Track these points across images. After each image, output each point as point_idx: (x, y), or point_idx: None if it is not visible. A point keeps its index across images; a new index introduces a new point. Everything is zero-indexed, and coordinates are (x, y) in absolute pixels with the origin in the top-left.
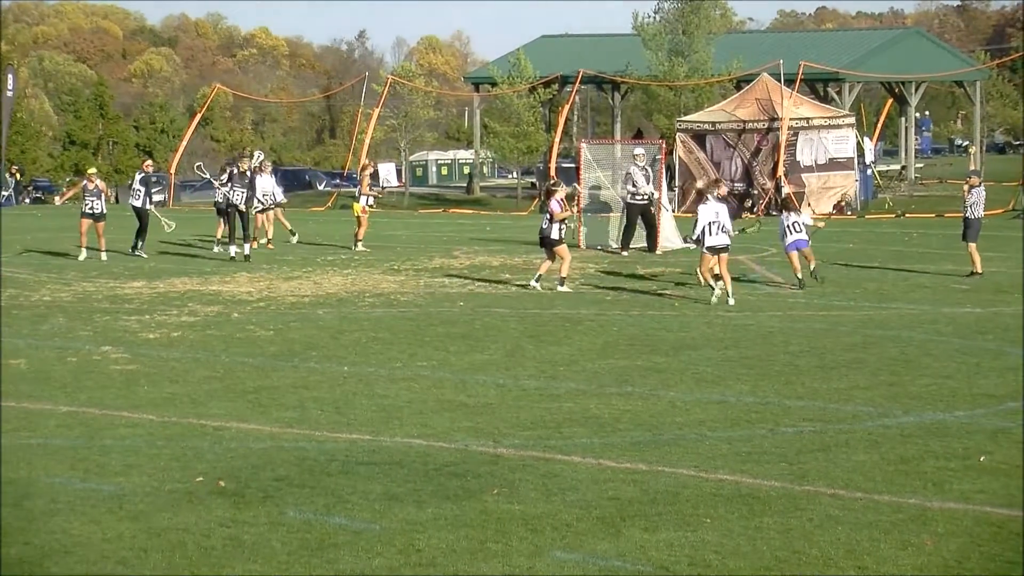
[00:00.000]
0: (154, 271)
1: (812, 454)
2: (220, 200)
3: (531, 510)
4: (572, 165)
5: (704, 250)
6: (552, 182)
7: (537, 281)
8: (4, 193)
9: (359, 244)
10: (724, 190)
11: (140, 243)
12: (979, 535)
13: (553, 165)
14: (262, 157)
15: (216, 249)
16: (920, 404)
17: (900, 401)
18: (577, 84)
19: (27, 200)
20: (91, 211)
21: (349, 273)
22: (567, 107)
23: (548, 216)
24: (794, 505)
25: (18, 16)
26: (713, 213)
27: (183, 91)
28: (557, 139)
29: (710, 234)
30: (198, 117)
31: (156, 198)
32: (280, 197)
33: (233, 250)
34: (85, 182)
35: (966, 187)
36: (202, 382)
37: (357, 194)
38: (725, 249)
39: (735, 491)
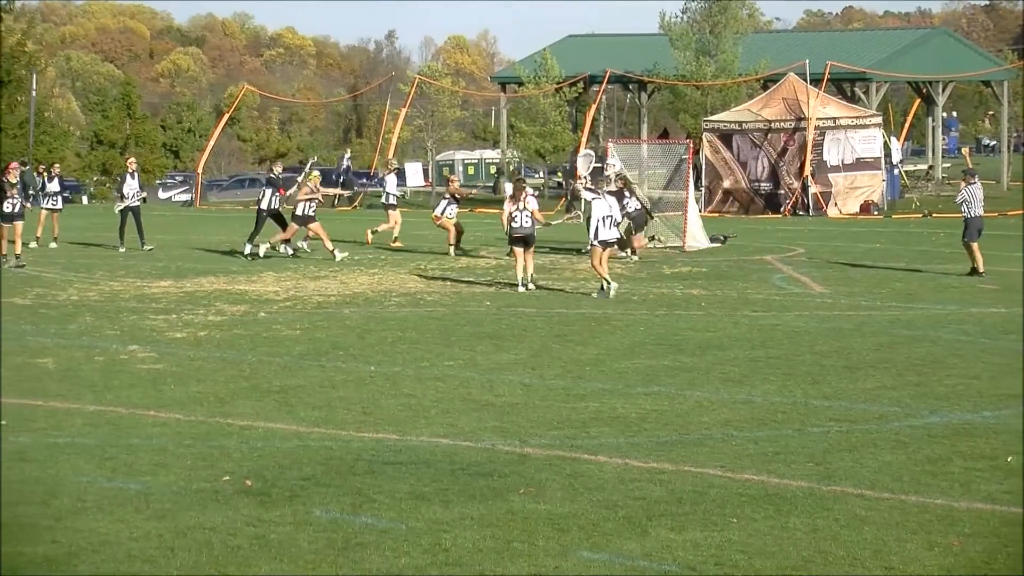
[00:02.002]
0: (181, 270)
1: (839, 454)
2: (265, 205)
3: (557, 510)
4: (599, 165)
5: (596, 243)
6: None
7: (532, 282)
8: (31, 192)
9: (453, 249)
10: (617, 185)
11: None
12: (1006, 536)
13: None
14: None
15: (283, 249)
16: (947, 404)
17: (927, 401)
18: (604, 84)
19: (59, 200)
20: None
21: (375, 273)
22: (594, 107)
23: (528, 214)
24: (821, 505)
25: (46, 16)
26: (607, 207)
27: (210, 91)
28: (584, 139)
29: (604, 227)
30: (226, 117)
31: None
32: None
33: (260, 248)
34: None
35: (962, 185)
36: (229, 381)
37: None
38: (615, 243)
39: (762, 491)
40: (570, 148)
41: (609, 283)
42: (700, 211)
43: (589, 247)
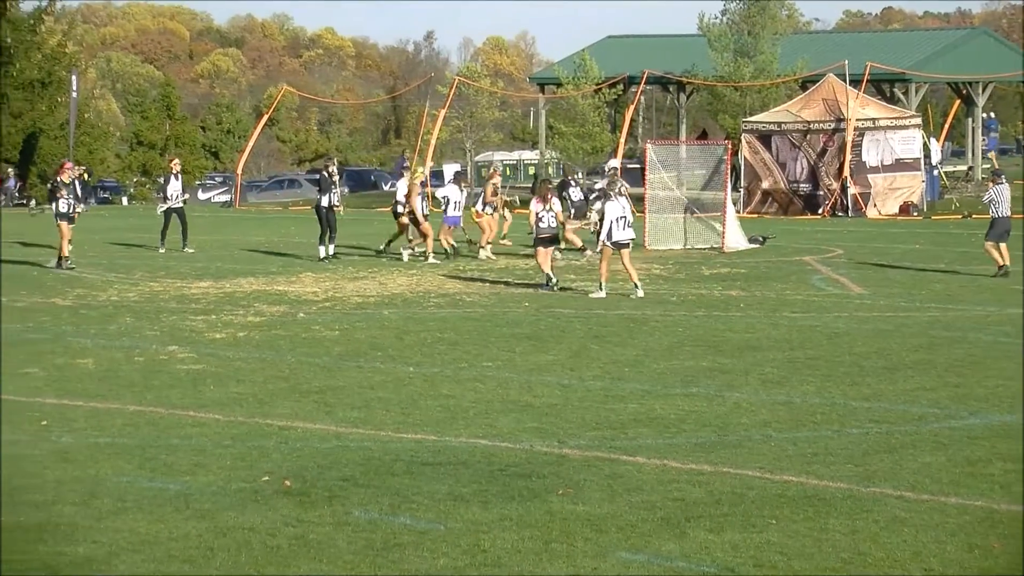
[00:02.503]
0: (220, 271)
1: (878, 455)
2: (326, 203)
3: (596, 511)
4: (637, 166)
5: (609, 244)
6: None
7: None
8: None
9: (483, 250)
10: (626, 187)
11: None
12: None
13: (618, 165)
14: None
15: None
16: (987, 406)
17: (966, 403)
18: (642, 85)
19: (93, 201)
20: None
21: (414, 274)
22: (632, 108)
23: (554, 215)
24: (860, 507)
25: (87, 17)
26: (620, 208)
27: (249, 92)
28: (622, 140)
29: (618, 228)
30: (265, 118)
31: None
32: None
33: (326, 249)
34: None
35: (989, 185)
36: (268, 382)
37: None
38: (628, 244)
39: (801, 492)
40: (609, 149)
41: (602, 286)
42: (738, 212)
43: (600, 247)
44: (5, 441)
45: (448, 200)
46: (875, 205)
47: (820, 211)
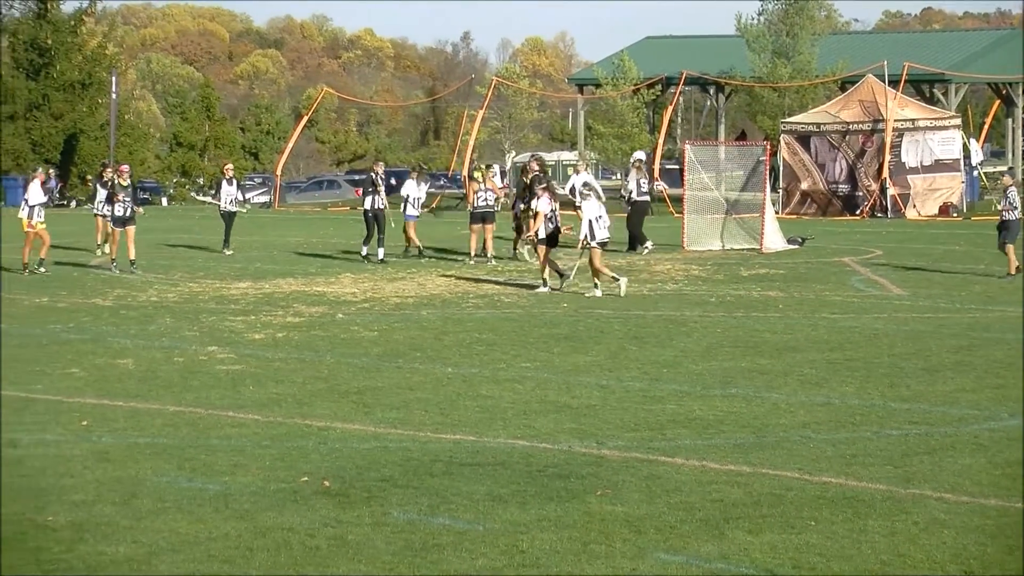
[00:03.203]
0: (259, 272)
1: (918, 457)
2: (368, 208)
3: (634, 512)
4: (676, 167)
5: (595, 244)
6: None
7: (569, 278)
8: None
9: (522, 251)
10: (598, 188)
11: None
12: None
13: (657, 166)
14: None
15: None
16: None
17: (1006, 404)
18: (681, 85)
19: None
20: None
21: (452, 274)
22: (671, 108)
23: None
24: (899, 508)
25: (127, 18)
26: (597, 208)
27: (288, 93)
28: (661, 140)
29: (599, 227)
30: (305, 119)
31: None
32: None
33: (379, 253)
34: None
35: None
36: (307, 383)
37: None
38: (606, 244)
39: (840, 494)
40: (647, 150)
41: (596, 285)
42: (777, 213)
43: (587, 249)
44: (46, 440)
45: (409, 197)
46: (914, 206)
47: (859, 212)
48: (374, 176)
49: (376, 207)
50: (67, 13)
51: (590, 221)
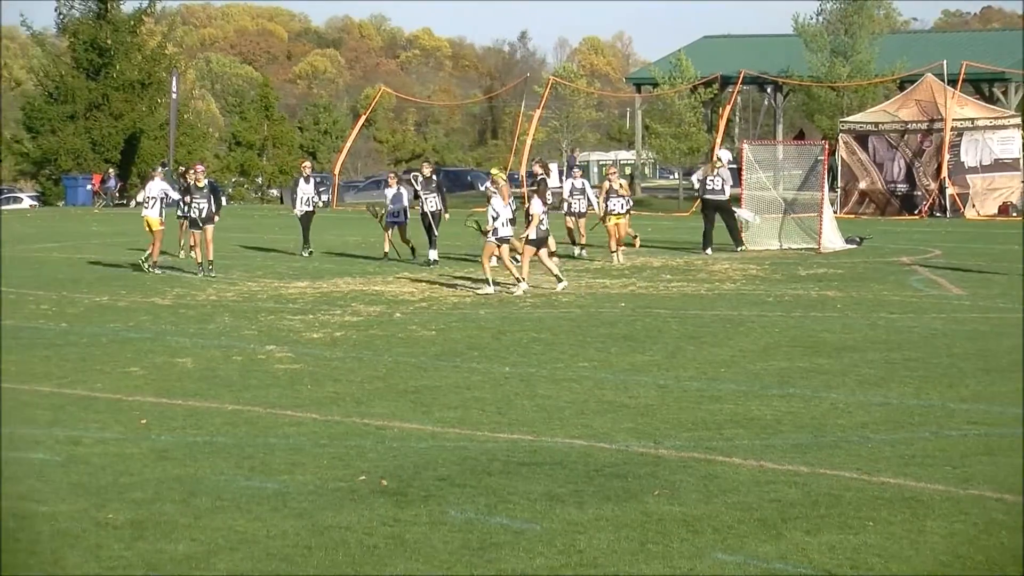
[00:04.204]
0: (317, 271)
1: (977, 457)
2: (429, 209)
3: (692, 511)
4: (734, 166)
5: (492, 241)
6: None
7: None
8: (174, 196)
9: (616, 255)
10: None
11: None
12: None
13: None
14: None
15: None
16: None
17: None
18: (738, 85)
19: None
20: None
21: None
22: (728, 108)
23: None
24: (958, 509)
25: (186, 18)
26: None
27: (347, 92)
28: (718, 140)
29: (502, 227)
30: (363, 119)
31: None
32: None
33: (431, 254)
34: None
35: None
36: (365, 381)
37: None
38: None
39: (898, 494)
40: (705, 149)
41: (490, 281)
42: (835, 213)
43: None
44: (106, 439)
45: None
46: (973, 206)
47: (918, 212)
48: (422, 176)
49: (428, 209)
50: (127, 13)
51: (495, 218)
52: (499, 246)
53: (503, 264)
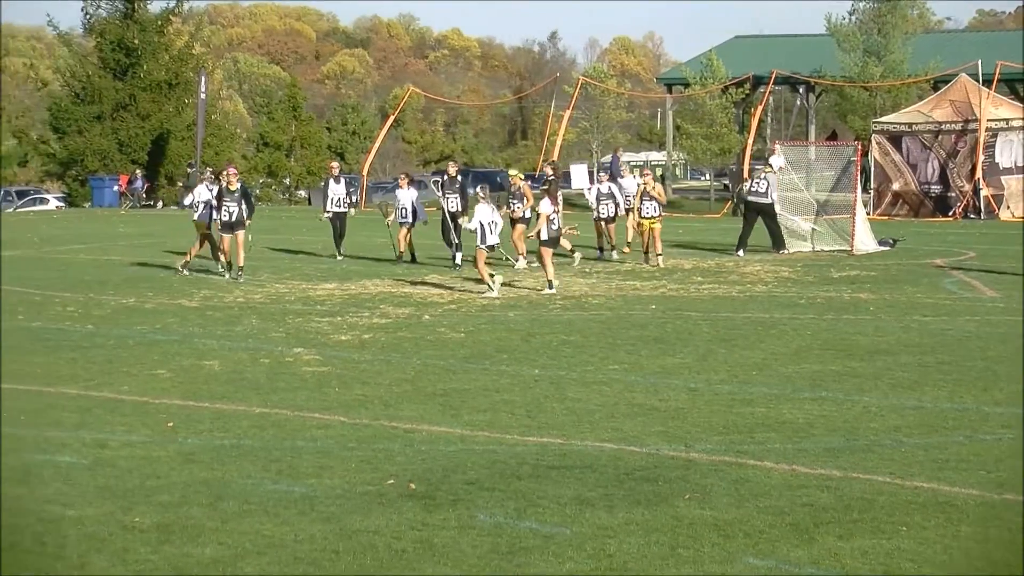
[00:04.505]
0: (345, 273)
1: (1011, 462)
2: (452, 208)
3: (723, 516)
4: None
5: (483, 247)
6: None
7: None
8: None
9: (650, 257)
10: (487, 191)
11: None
12: None
13: (747, 166)
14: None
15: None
16: None
17: None
18: (770, 85)
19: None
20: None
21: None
22: (760, 108)
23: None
24: (992, 514)
25: (213, 18)
26: (490, 211)
27: (375, 92)
28: (750, 140)
29: (490, 233)
30: (391, 119)
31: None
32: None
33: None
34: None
35: None
36: (393, 384)
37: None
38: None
39: (932, 499)
40: (736, 150)
41: (491, 286)
42: (868, 214)
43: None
44: (133, 442)
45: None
46: (1008, 207)
47: (952, 213)
48: (450, 178)
49: (451, 209)
50: (154, 13)
51: (481, 223)
52: (490, 250)
53: (477, 270)
